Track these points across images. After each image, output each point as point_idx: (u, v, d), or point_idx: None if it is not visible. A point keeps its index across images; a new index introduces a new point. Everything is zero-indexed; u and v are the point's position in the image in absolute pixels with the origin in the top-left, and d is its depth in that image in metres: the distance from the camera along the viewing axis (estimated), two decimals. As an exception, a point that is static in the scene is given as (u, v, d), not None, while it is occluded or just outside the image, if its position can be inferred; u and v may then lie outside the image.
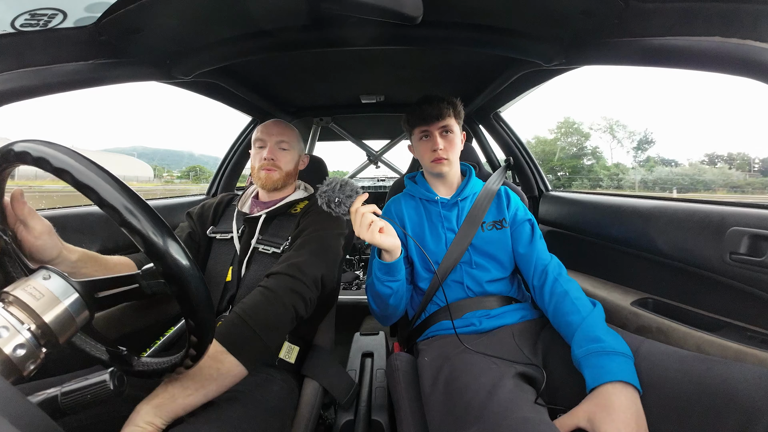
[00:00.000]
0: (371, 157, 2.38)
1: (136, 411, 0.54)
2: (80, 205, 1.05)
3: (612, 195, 1.25)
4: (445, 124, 0.93)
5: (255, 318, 0.65)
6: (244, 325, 0.64)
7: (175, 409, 0.55)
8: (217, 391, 0.59)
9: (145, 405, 0.54)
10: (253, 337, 0.64)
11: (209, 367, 0.58)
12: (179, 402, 0.55)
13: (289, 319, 0.70)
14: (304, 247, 0.80)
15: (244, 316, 0.65)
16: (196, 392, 0.57)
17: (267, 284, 0.71)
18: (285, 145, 0.97)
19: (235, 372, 0.61)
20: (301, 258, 0.76)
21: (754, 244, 0.73)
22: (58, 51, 0.65)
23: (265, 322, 0.65)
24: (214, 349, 0.60)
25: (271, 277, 0.74)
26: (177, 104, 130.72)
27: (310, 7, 0.71)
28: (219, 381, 0.59)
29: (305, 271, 0.74)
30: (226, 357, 0.60)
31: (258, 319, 0.65)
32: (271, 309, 0.68)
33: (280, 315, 0.69)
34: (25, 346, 0.38)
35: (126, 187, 0.39)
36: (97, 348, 0.52)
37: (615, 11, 0.65)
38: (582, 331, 0.69)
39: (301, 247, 0.81)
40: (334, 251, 0.86)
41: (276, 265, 0.77)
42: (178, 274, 0.41)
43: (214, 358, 0.59)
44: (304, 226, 0.88)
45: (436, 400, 0.69)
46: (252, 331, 0.64)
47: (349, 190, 0.73)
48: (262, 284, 0.72)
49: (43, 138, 0.41)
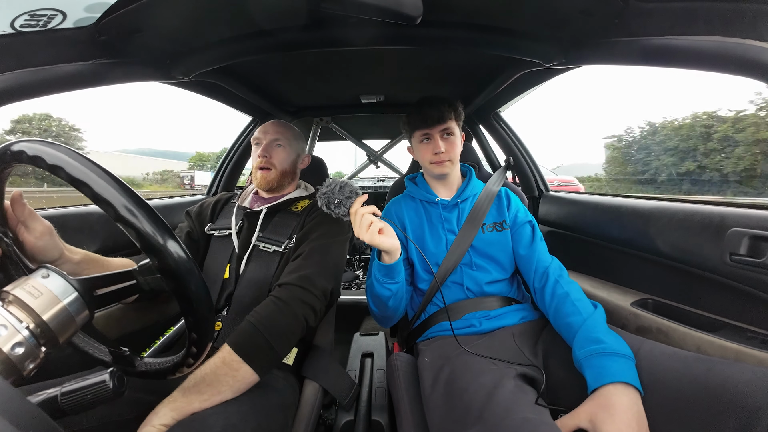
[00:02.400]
0: (371, 157, 2.38)
1: (154, 412, 0.57)
2: (80, 204, 1.05)
3: (612, 195, 1.25)
4: (446, 127, 0.93)
5: (269, 328, 0.67)
6: (259, 335, 0.67)
7: (191, 412, 0.58)
8: (231, 395, 0.62)
9: (162, 407, 0.58)
10: (266, 346, 0.66)
11: (225, 375, 0.62)
12: (195, 406, 0.59)
13: (299, 329, 0.72)
14: (313, 257, 0.82)
15: (258, 326, 0.67)
16: (212, 398, 0.60)
17: (279, 295, 0.73)
18: (280, 143, 0.98)
19: (250, 379, 0.64)
20: (310, 269, 0.78)
21: (754, 245, 0.73)
22: (58, 51, 0.65)
23: (278, 332, 0.68)
24: (230, 357, 0.64)
25: (282, 287, 0.75)
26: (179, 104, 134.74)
27: (310, 7, 0.71)
28: (234, 387, 0.63)
29: (316, 284, 0.76)
30: (241, 365, 0.63)
31: (272, 330, 0.67)
32: (283, 320, 0.70)
33: (292, 325, 0.71)
34: (24, 344, 0.38)
35: (120, 181, 0.39)
36: (100, 349, 0.52)
37: (615, 11, 0.65)
38: (583, 332, 0.68)
39: (309, 257, 0.82)
40: (340, 261, 0.88)
41: (286, 275, 0.78)
42: (174, 269, 0.40)
43: (230, 366, 0.63)
44: (309, 228, 0.88)
45: (437, 401, 0.69)
46: (266, 340, 0.66)
47: (349, 192, 0.73)
48: (275, 294, 0.74)
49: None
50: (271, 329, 0.67)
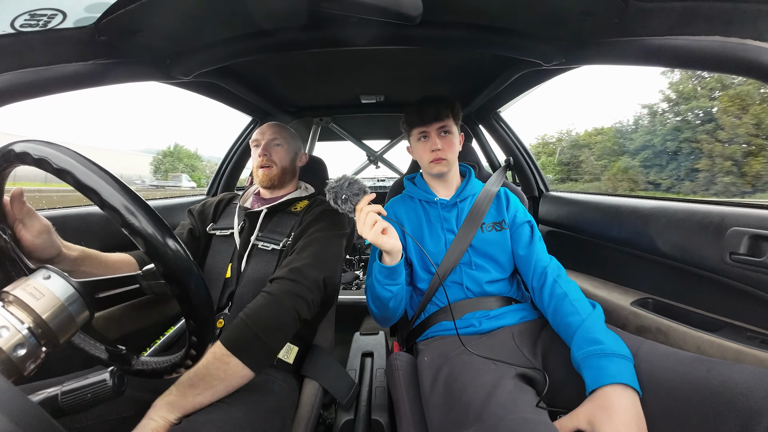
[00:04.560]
0: (371, 157, 2.38)
1: (153, 406, 0.60)
2: (80, 204, 1.05)
3: (612, 195, 1.25)
4: (443, 125, 0.93)
5: (257, 321, 0.68)
6: (247, 329, 0.67)
7: (186, 406, 0.60)
8: (225, 390, 0.64)
9: (160, 401, 0.60)
10: (255, 339, 0.66)
11: (216, 369, 0.63)
12: (189, 400, 0.61)
13: (291, 321, 0.72)
14: (306, 249, 0.82)
15: (246, 320, 0.68)
16: (205, 392, 0.62)
17: (269, 289, 0.74)
18: (278, 142, 1.02)
19: (242, 373, 0.65)
20: (301, 262, 0.78)
21: (754, 244, 0.73)
22: (58, 51, 0.65)
23: (266, 325, 0.68)
24: (220, 351, 0.64)
25: (273, 282, 0.76)
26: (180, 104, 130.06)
27: (310, 7, 0.71)
28: (226, 381, 0.63)
29: (306, 274, 0.76)
30: (231, 359, 0.64)
31: (259, 323, 0.68)
32: (270, 312, 0.70)
33: (282, 317, 0.71)
34: (25, 345, 0.38)
35: (127, 188, 0.40)
36: (97, 347, 0.52)
37: (615, 11, 0.65)
38: (581, 333, 0.68)
39: (302, 250, 0.82)
40: (335, 252, 0.87)
41: (278, 270, 0.79)
42: (178, 275, 0.41)
43: (220, 360, 0.64)
44: (307, 224, 0.89)
45: (436, 400, 0.69)
46: (254, 333, 0.67)
47: (357, 189, 0.74)
48: (265, 289, 0.74)
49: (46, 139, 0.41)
50: (260, 322, 0.67)
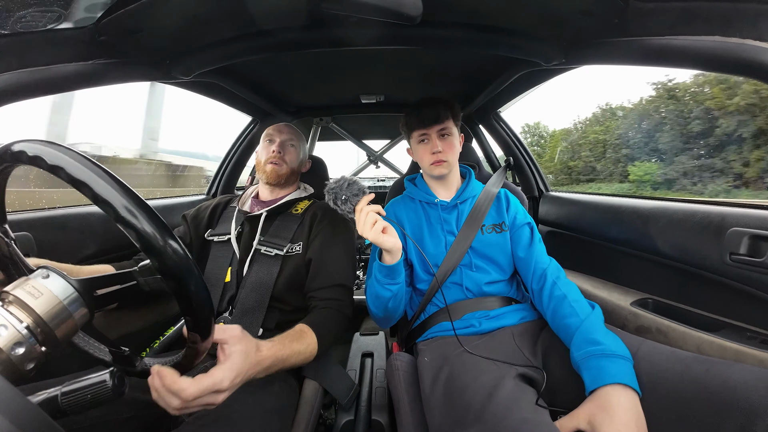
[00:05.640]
0: (371, 157, 2.38)
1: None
2: (80, 205, 1.05)
3: (612, 195, 1.25)
4: (443, 127, 0.93)
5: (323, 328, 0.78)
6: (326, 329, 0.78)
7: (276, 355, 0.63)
8: (295, 362, 0.69)
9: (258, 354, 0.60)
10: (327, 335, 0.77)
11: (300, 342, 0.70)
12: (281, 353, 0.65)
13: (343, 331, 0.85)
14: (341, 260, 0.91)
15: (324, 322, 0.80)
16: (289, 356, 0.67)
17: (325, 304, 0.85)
18: (293, 143, 1.03)
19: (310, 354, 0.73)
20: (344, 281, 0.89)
21: (754, 244, 0.73)
22: (58, 51, 0.65)
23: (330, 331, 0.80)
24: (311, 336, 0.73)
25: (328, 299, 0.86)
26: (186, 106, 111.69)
27: (310, 7, 0.71)
28: (303, 356, 0.70)
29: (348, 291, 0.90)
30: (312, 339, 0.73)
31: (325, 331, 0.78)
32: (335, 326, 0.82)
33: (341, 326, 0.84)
34: (24, 344, 0.38)
35: (121, 182, 0.39)
36: (100, 348, 0.52)
37: (615, 11, 0.65)
38: (580, 333, 0.68)
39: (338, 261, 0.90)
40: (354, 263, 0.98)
41: (325, 290, 0.86)
42: (174, 270, 0.40)
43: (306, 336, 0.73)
44: (319, 233, 0.93)
45: (436, 401, 0.69)
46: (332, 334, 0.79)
47: (356, 189, 0.74)
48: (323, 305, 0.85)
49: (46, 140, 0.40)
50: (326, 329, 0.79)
